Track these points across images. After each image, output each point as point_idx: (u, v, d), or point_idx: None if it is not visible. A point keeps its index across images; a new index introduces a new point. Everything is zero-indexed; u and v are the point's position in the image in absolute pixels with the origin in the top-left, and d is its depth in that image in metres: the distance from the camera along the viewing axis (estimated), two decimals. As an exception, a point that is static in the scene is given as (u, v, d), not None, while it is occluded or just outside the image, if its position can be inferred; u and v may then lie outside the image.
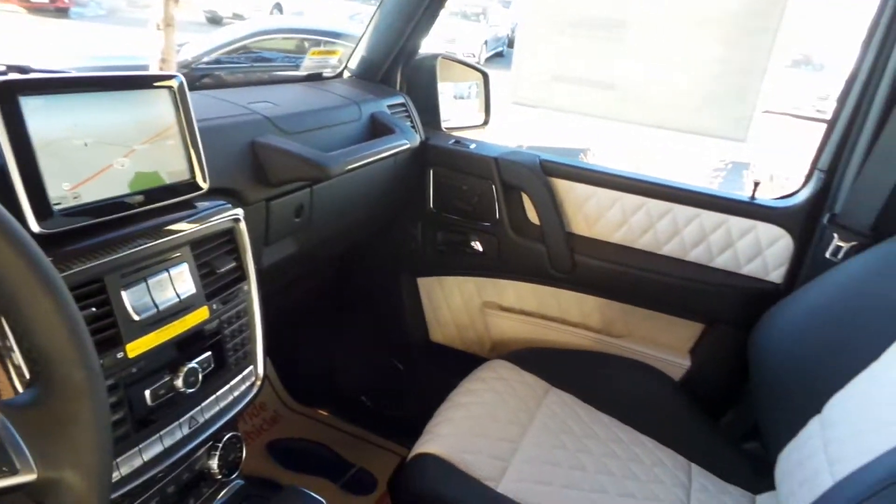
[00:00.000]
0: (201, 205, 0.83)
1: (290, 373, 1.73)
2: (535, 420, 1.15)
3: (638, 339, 1.45)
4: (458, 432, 1.07)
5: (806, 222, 1.26)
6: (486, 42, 11.07)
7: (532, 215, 1.44)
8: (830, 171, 1.25)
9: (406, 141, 1.24)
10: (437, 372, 1.31)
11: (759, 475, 1.11)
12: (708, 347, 1.39)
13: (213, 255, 0.83)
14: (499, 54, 11.77)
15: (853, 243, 1.17)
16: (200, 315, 0.78)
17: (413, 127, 1.41)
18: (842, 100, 1.26)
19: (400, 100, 1.43)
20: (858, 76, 1.22)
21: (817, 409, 1.03)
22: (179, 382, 0.74)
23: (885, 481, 0.66)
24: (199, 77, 1.61)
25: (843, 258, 1.17)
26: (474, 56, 9.99)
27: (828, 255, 1.20)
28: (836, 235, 1.19)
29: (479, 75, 1.77)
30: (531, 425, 1.13)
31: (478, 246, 1.49)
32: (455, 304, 1.58)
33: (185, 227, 0.77)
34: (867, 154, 1.17)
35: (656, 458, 1.12)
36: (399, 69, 1.49)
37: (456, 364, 1.35)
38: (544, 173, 1.40)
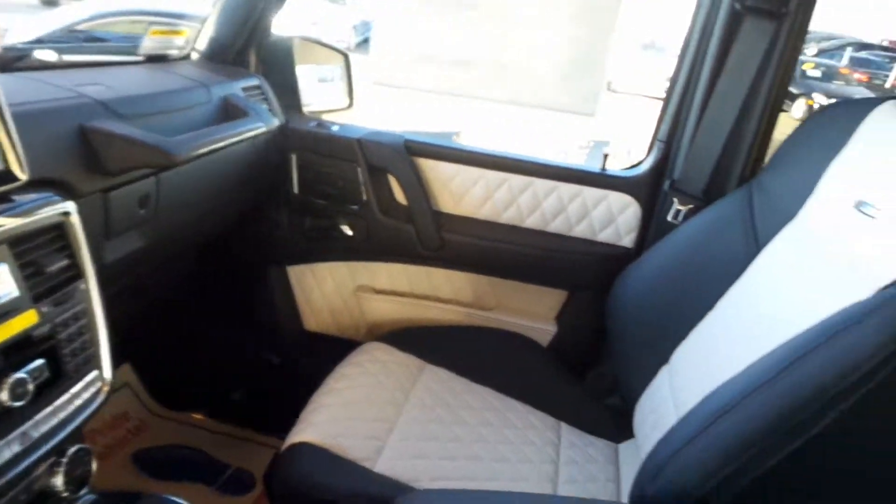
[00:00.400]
0: (21, 198, 0.74)
1: (156, 377, 1.62)
2: (411, 398, 1.16)
3: (507, 311, 1.50)
4: (332, 418, 1.06)
5: (650, 189, 1.37)
6: (354, 27, 10.89)
7: (399, 196, 1.44)
8: (668, 141, 1.36)
9: (262, 124, 1.19)
10: (314, 361, 1.28)
11: (621, 426, 1.19)
12: (572, 313, 1.47)
13: (39, 252, 0.75)
14: (368, 40, 11.65)
15: (689, 206, 1.28)
16: (27, 319, 0.71)
17: (271, 110, 1.36)
18: (674, 79, 1.37)
19: (255, 82, 1.36)
20: (686, 56, 1.33)
21: (665, 360, 1.13)
22: (5, 396, 0.66)
23: (717, 413, 0.74)
24: (15, 58, 1.44)
25: (683, 220, 1.28)
26: (343, 42, 9.81)
27: (669, 218, 1.31)
28: (675, 200, 1.31)
29: (341, 57, 1.74)
30: (407, 403, 1.14)
31: (347, 230, 1.47)
32: (328, 290, 1.56)
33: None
34: (697, 126, 1.29)
35: (528, 421, 1.17)
36: (252, 50, 1.42)
37: (332, 351, 1.33)
38: (409, 154, 1.40)
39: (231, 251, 1.55)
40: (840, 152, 0.99)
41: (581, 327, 1.46)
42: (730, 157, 1.25)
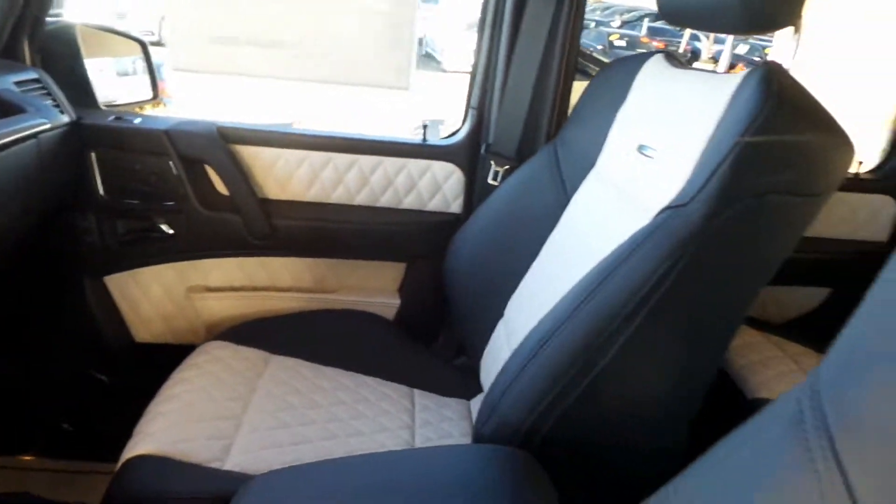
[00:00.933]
0: None
1: None
2: (258, 391, 1.12)
3: (349, 290, 1.50)
4: (170, 424, 0.99)
5: (469, 155, 1.43)
6: (164, 17, 10.04)
7: (220, 187, 1.37)
8: (479, 108, 1.43)
9: (44, 120, 1.07)
10: (149, 374, 1.19)
11: (471, 383, 1.25)
12: (412, 283, 1.51)
13: None
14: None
15: (505, 167, 1.36)
16: None
17: (56, 105, 1.22)
18: (477, 50, 1.44)
19: (32, 75, 1.22)
20: (485, 28, 1.40)
21: (500, 314, 1.19)
22: None
23: (535, 348, 0.80)
24: None
25: (501, 181, 1.35)
26: (154, 34, 9.03)
27: (489, 180, 1.38)
28: (492, 163, 1.38)
29: (138, 46, 1.61)
30: (253, 397, 1.10)
31: (167, 229, 1.37)
32: (156, 296, 1.45)
33: None
34: (502, 92, 1.37)
35: (381, 393, 1.19)
36: (25, 40, 1.27)
37: (169, 360, 1.25)
38: (224, 141, 1.34)
39: (38, 267, 1.38)
40: (622, 104, 1.10)
41: (423, 296, 1.50)
42: (535, 118, 1.34)
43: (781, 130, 0.72)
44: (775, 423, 0.40)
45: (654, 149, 0.97)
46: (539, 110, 1.34)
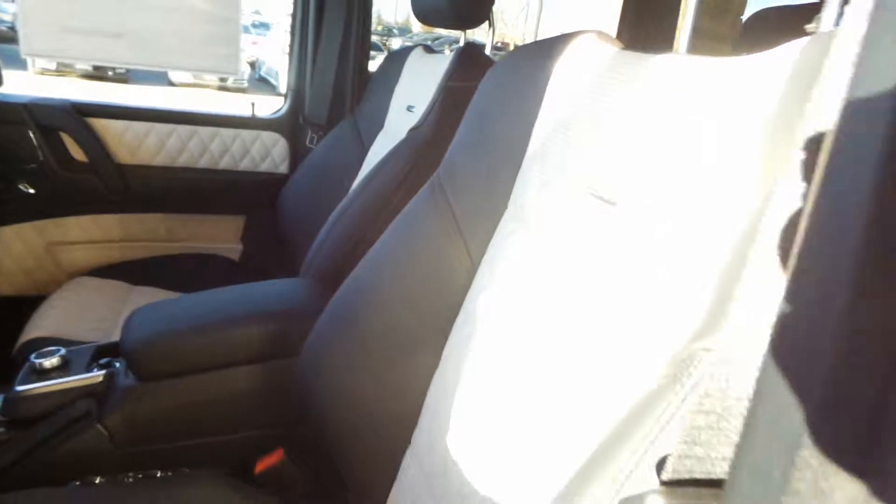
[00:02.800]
0: None
1: None
2: (125, 310, 1.41)
3: (199, 239, 1.82)
4: (59, 320, 1.26)
5: (291, 125, 1.82)
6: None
7: (77, 154, 1.63)
8: (296, 88, 1.83)
9: None
10: (14, 324, 1.38)
11: None
12: (251, 232, 1.86)
13: None
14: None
15: (319, 133, 1.77)
16: None
17: None
18: (291, 44, 1.84)
19: None
20: (296, 27, 1.81)
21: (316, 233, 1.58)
22: None
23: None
24: None
25: (316, 144, 1.76)
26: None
27: (308, 144, 1.78)
28: (309, 130, 1.78)
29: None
30: (121, 314, 1.38)
31: (29, 189, 1.60)
32: (18, 252, 1.66)
33: None
34: (312, 76, 1.78)
35: None
36: None
37: (33, 310, 1.46)
38: (79, 114, 1.60)
39: None
40: (398, 81, 1.56)
41: (261, 243, 1.86)
42: (339, 94, 1.77)
43: (468, 78, 1.20)
44: (418, 200, 0.85)
45: (415, 105, 1.43)
46: (342, 88, 1.76)
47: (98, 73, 10.07)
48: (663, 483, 0.34)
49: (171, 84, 10.57)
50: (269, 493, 0.88)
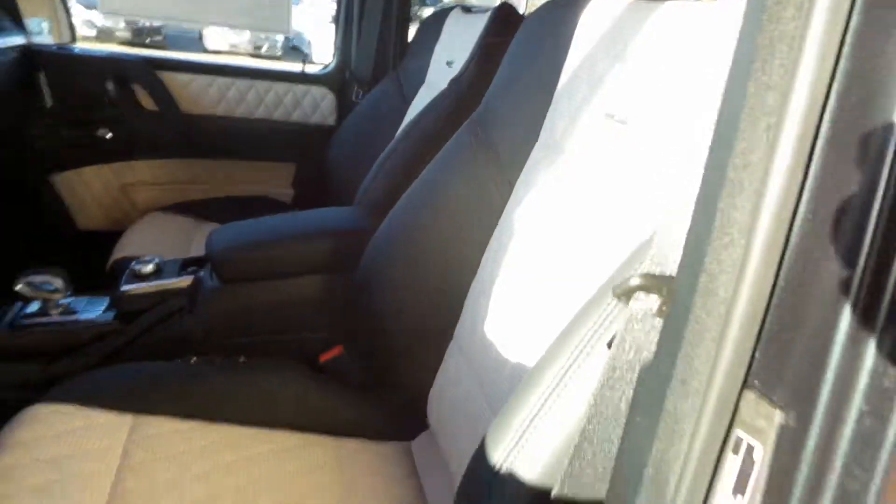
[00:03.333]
0: None
1: None
2: (195, 239, 1.58)
3: (254, 184, 2.00)
4: (140, 245, 1.44)
5: (338, 80, 1.98)
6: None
7: (148, 103, 1.81)
8: (343, 47, 1.98)
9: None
10: (94, 258, 1.53)
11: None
12: (302, 178, 2.03)
13: None
14: None
15: (364, 88, 1.92)
16: None
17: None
18: (338, 4, 1.99)
19: (-5, 11, 1.59)
20: None
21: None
22: None
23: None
24: None
25: (361, 99, 1.91)
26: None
27: (354, 99, 1.94)
28: (355, 86, 1.94)
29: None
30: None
31: (107, 134, 1.79)
32: (97, 191, 1.86)
33: None
34: (359, 35, 1.93)
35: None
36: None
37: (109, 242, 1.62)
38: (151, 67, 1.78)
39: None
40: (438, 39, 1.70)
41: (310, 187, 2.03)
42: (383, 52, 1.91)
43: (503, 34, 1.33)
44: (458, 137, 0.99)
45: (454, 60, 1.58)
46: (385, 47, 1.91)
47: (137, 40, 10.35)
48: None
49: (206, 51, 10.81)
50: (338, 386, 1.05)
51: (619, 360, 0.46)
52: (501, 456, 0.55)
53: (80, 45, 1.80)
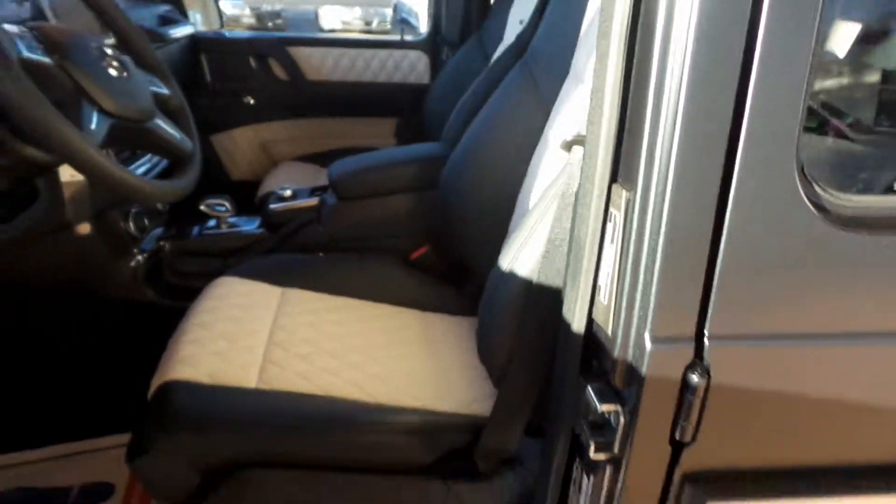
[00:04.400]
0: None
1: None
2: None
3: (366, 137, 2.38)
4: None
5: (431, 44, 2.30)
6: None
7: (281, 74, 2.24)
8: (434, 17, 2.30)
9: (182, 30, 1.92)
10: (246, 198, 1.93)
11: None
12: (404, 129, 2.40)
13: None
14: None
15: (454, 49, 2.23)
16: None
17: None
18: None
19: (167, 7, 2.07)
20: None
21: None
22: None
23: None
24: None
25: (449, 59, 2.23)
26: None
27: (444, 58, 2.26)
28: (445, 47, 2.25)
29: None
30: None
31: (250, 100, 2.25)
32: (243, 147, 2.33)
33: None
34: (447, 5, 2.23)
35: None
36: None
37: (253, 192, 2.04)
38: (282, 44, 2.21)
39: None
40: (513, 1, 1.96)
41: (410, 137, 2.38)
42: (467, 16, 2.21)
43: None
44: (510, 77, 1.27)
45: (524, 19, 1.84)
46: (469, 12, 2.20)
47: (260, 24, 11.34)
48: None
49: (321, 30, 11.63)
50: (423, 274, 1.40)
51: (565, 194, 0.75)
52: (506, 264, 0.87)
53: (227, 31, 2.26)
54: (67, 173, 1.13)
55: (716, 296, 0.58)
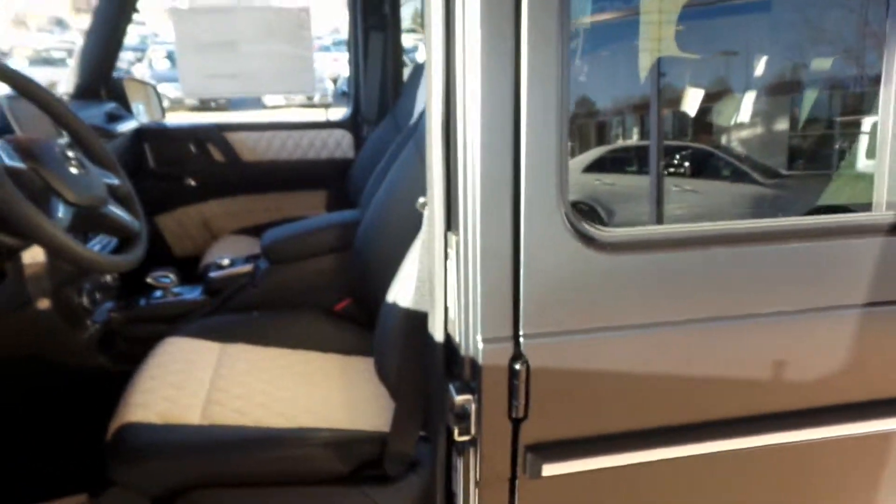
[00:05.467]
0: None
1: None
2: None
3: (298, 210, 2.62)
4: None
5: (354, 123, 2.60)
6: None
7: (219, 156, 2.49)
8: (356, 96, 2.61)
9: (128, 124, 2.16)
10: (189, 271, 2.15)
11: None
12: (332, 200, 2.65)
13: None
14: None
15: (372, 126, 2.53)
16: None
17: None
18: (349, 62, 2.62)
19: (113, 105, 2.31)
20: (350, 48, 2.58)
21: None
22: None
23: None
24: None
25: (370, 134, 2.52)
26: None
27: (364, 135, 2.55)
28: (364, 125, 2.55)
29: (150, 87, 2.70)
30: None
31: (191, 182, 2.47)
32: (186, 226, 2.53)
33: None
34: (365, 88, 2.54)
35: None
36: (103, 88, 2.35)
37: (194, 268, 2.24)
38: (219, 131, 2.46)
39: None
40: (422, 81, 2.28)
41: (338, 207, 2.63)
42: (383, 98, 2.52)
43: None
44: (406, 147, 1.56)
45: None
46: (384, 94, 2.52)
47: (203, 106, 11.68)
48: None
49: (265, 107, 12.02)
50: (346, 322, 1.62)
51: (424, 241, 1.01)
52: (391, 298, 1.11)
53: (168, 119, 2.50)
54: (28, 256, 1.33)
55: (523, 307, 0.83)
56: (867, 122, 1.36)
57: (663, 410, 0.91)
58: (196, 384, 1.29)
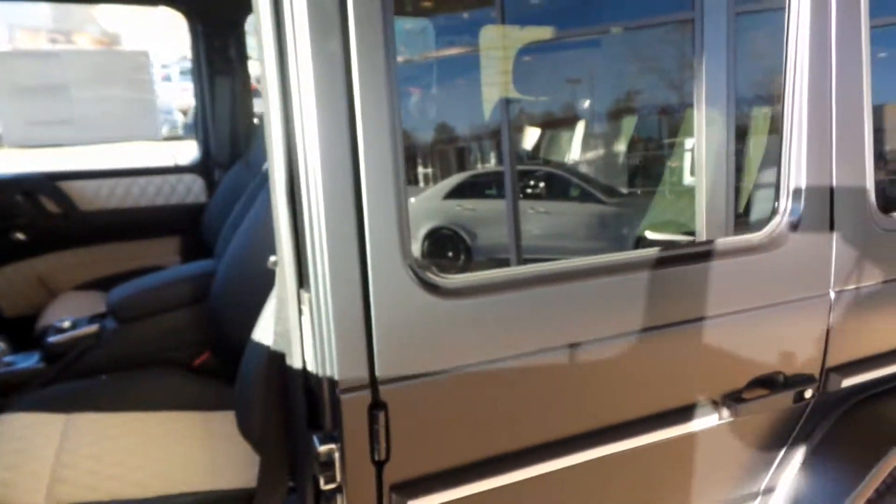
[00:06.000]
0: None
1: None
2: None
3: (150, 258, 2.49)
4: (61, 314, 1.84)
5: (204, 167, 2.53)
6: None
7: (52, 207, 2.30)
8: (204, 141, 2.54)
9: None
10: (23, 334, 1.95)
11: None
12: (186, 246, 2.55)
13: None
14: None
15: (223, 170, 2.48)
16: None
17: None
18: (195, 104, 2.55)
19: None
20: (196, 90, 2.52)
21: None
22: None
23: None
24: None
25: (222, 178, 2.46)
26: None
27: (216, 178, 2.49)
28: (216, 169, 2.49)
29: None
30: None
31: (20, 237, 2.26)
32: (17, 283, 2.30)
33: None
34: (215, 131, 2.49)
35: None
36: None
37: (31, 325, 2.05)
38: (50, 180, 2.28)
39: None
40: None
41: (192, 253, 2.53)
42: (235, 141, 2.48)
43: None
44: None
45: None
46: (235, 136, 2.48)
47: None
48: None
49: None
50: (205, 378, 1.58)
51: (279, 297, 1.03)
52: (248, 351, 1.12)
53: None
54: None
55: (377, 356, 0.88)
56: (689, 143, 1.54)
57: (512, 436, 1.00)
58: (37, 463, 1.21)
